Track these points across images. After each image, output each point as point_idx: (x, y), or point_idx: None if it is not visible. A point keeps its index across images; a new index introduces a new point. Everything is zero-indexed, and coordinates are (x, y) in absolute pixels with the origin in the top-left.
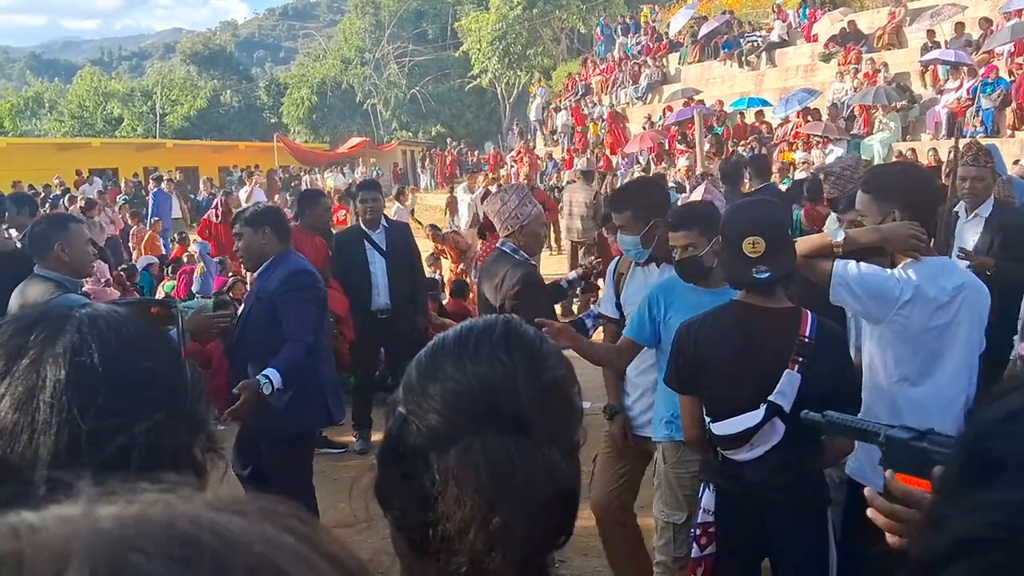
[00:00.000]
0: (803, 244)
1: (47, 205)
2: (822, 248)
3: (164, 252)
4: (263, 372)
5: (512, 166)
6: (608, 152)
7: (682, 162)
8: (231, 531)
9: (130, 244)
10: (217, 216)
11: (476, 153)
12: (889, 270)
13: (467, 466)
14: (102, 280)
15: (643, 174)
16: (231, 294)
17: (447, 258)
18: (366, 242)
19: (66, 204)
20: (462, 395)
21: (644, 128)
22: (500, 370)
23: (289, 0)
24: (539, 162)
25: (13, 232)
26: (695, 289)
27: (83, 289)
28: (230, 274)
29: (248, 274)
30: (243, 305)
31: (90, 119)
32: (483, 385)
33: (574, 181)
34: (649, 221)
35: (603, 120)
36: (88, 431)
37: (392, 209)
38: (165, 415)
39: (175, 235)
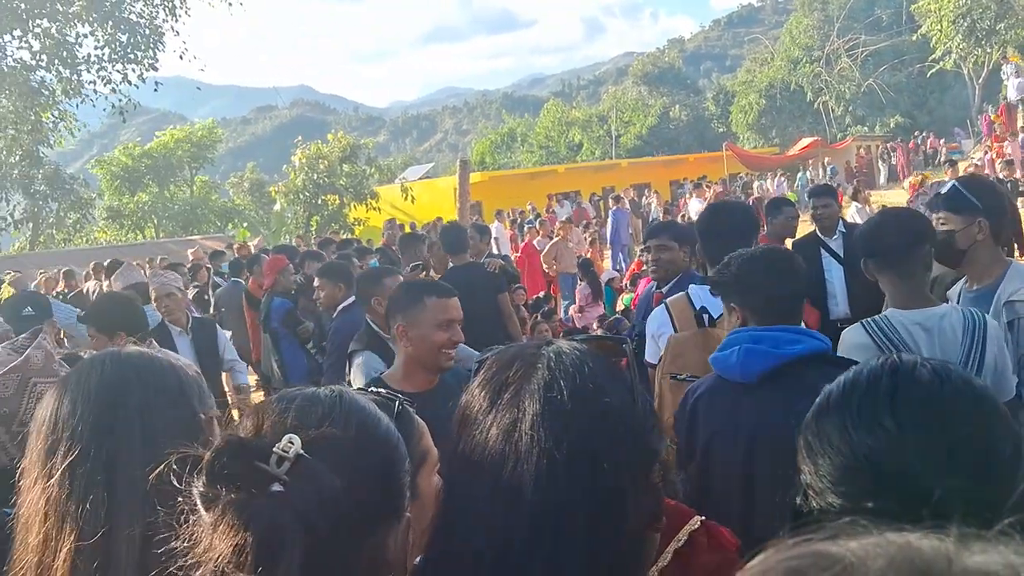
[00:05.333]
0: None
1: (524, 228)
2: None
3: (615, 268)
4: None
5: (986, 154)
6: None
7: None
8: None
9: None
10: None
11: (943, 142)
12: None
13: None
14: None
15: None
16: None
17: None
18: (822, 249)
19: (537, 228)
20: (850, 472)
21: None
22: (885, 439)
23: (734, 8)
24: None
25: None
26: None
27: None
28: None
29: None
30: None
31: (554, 147)
32: (870, 462)
33: None
34: None
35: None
36: (562, 461)
37: (849, 210)
38: (622, 448)
39: (637, 251)
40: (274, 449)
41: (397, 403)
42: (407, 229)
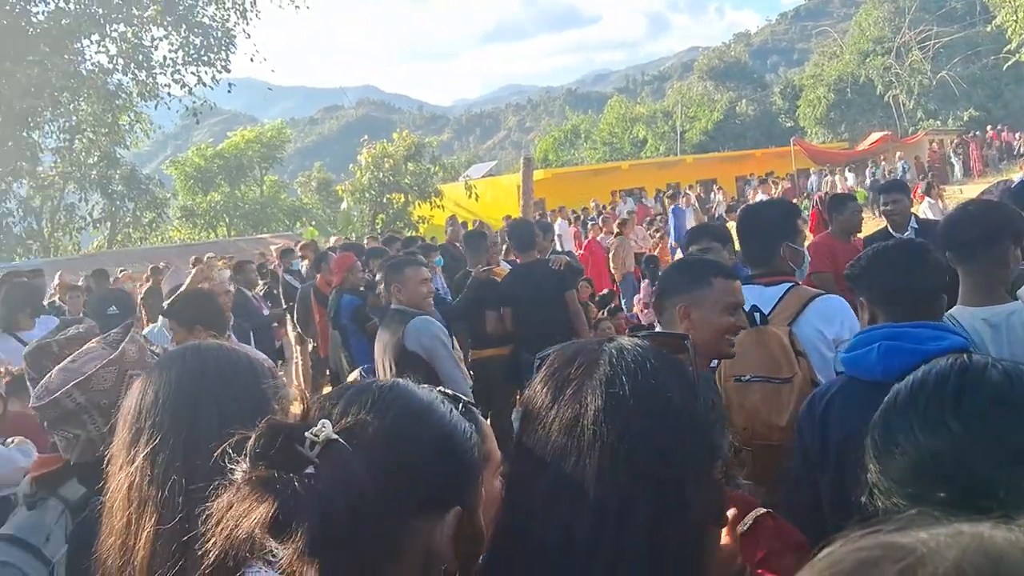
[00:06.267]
0: None
1: (588, 225)
2: None
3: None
4: None
5: None
6: None
7: None
8: None
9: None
10: None
11: (1018, 136)
12: None
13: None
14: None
15: None
16: None
17: None
18: None
19: (600, 224)
20: (915, 473)
21: None
22: (950, 440)
23: (802, 1)
24: None
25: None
26: None
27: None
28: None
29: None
30: None
31: (618, 144)
32: (935, 463)
33: None
34: None
35: None
36: (624, 456)
37: (922, 206)
38: (684, 443)
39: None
40: (306, 433)
41: (460, 403)
42: (470, 227)
